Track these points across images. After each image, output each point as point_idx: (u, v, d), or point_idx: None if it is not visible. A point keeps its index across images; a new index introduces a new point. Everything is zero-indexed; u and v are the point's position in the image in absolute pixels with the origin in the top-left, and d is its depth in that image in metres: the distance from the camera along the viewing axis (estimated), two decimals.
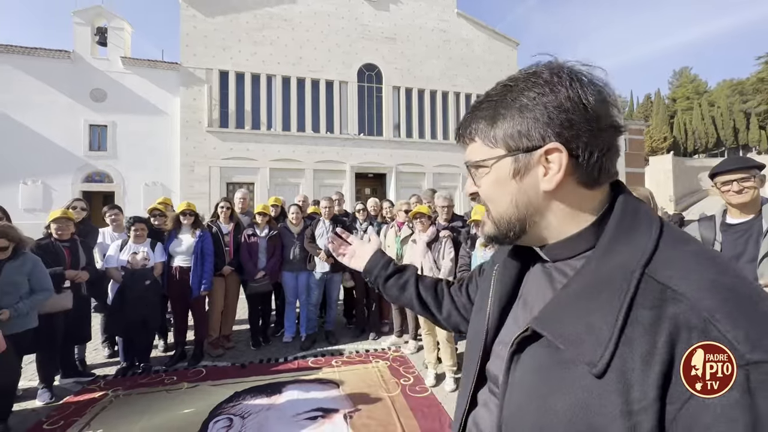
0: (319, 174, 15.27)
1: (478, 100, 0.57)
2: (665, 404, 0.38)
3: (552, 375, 0.45)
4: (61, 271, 3.09)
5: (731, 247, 1.88)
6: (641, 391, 0.39)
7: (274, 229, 4.25)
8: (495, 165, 0.53)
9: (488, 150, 0.54)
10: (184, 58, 13.95)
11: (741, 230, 1.87)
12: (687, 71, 53.70)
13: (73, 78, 13.16)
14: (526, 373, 0.49)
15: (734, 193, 1.83)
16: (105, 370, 3.62)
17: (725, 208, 1.98)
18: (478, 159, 0.56)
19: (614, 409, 0.39)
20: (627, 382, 0.39)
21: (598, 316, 0.43)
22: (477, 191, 0.58)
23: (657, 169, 31.33)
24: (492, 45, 17.98)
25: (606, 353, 0.41)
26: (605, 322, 0.42)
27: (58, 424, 2.67)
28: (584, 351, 0.42)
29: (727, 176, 1.85)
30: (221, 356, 3.88)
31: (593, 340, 0.42)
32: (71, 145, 13.07)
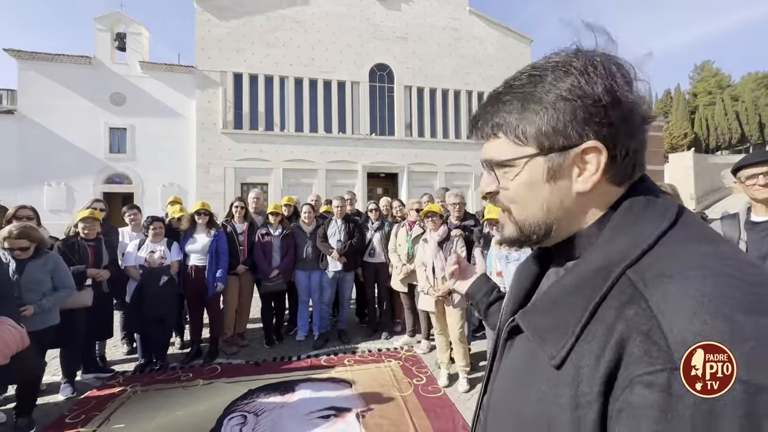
0: (331, 174, 15.36)
1: (498, 91, 0.52)
2: (608, 401, 0.38)
3: (526, 364, 0.48)
4: (84, 269, 3.19)
5: (757, 246, 1.79)
6: (589, 385, 0.39)
7: (287, 228, 4.28)
8: (527, 165, 0.49)
9: (516, 148, 0.49)
10: (200, 61, 14.22)
11: (767, 228, 1.78)
12: (709, 65, 51.92)
13: (94, 82, 13.58)
14: (510, 361, 0.52)
15: (760, 187, 1.73)
16: (124, 366, 3.71)
17: (749, 206, 1.88)
18: (504, 158, 0.50)
19: (565, 401, 0.40)
20: (579, 377, 0.40)
21: (570, 312, 0.43)
22: (494, 191, 0.54)
23: (677, 166, 30.39)
24: (505, 42, 17.75)
25: (566, 346, 0.42)
26: (573, 318, 0.42)
27: (80, 418, 2.75)
28: (548, 343, 0.44)
29: (753, 170, 1.76)
30: (236, 354, 3.94)
31: (559, 333, 0.43)
32: (92, 147, 13.49)
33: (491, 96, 0.53)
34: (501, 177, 0.52)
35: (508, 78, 0.52)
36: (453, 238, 3.39)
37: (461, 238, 3.39)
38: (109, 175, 13.72)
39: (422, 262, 3.46)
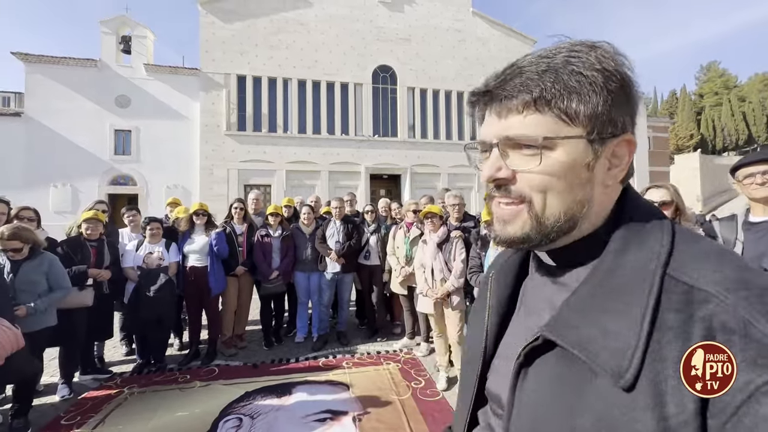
0: (334, 175, 15.37)
1: (532, 61, 0.43)
2: (707, 418, 0.33)
3: (568, 390, 0.40)
4: (85, 269, 3.20)
5: (754, 247, 1.76)
6: (677, 404, 0.33)
7: (286, 229, 4.27)
8: (569, 148, 0.42)
9: (563, 126, 0.42)
10: (204, 63, 14.32)
11: (765, 228, 1.75)
12: (715, 65, 51.43)
13: (100, 85, 13.71)
14: (536, 389, 0.43)
15: (757, 185, 1.71)
16: (122, 367, 3.70)
17: (748, 207, 1.86)
18: (549, 134, 0.42)
19: (646, 427, 0.34)
20: (660, 395, 0.34)
21: (618, 321, 0.38)
22: (508, 177, 0.45)
23: (683, 167, 30.07)
24: (508, 43, 17.70)
25: (634, 362, 0.35)
26: (628, 327, 0.37)
27: (75, 419, 2.74)
28: (606, 360, 0.37)
29: (750, 169, 1.74)
30: (234, 356, 3.92)
31: (616, 347, 0.37)
32: (98, 149, 13.62)
33: (525, 65, 0.44)
34: (521, 160, 0.44)
35: (536, 53, 0.45)
36: (452, 240, 3.35)
37: (461, 240, 3.36)
38: (114, 177, 13.83)
39: (421, 264, 3.42)
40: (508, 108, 0.44)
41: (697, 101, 49.13)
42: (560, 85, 0.42)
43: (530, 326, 0.48)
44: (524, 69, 0.43)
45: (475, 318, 0.60)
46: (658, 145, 24.31)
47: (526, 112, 0.43)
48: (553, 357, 0.42)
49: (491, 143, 0.46)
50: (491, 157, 0.46)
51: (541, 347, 0.43)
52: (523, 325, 0.52)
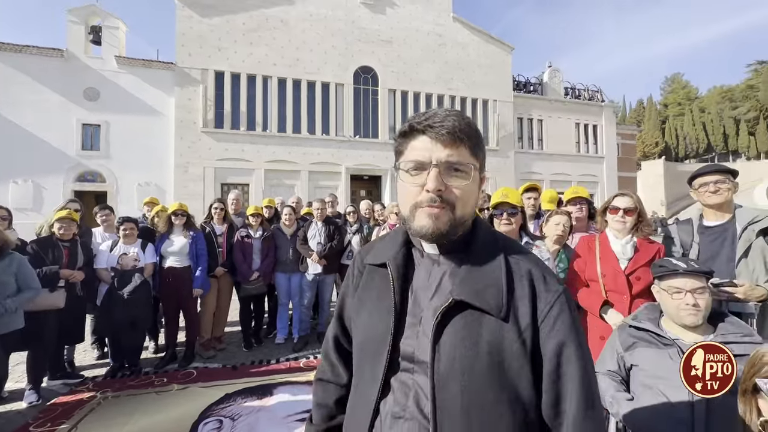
0: (314, 175, 15.25)
1: (465, 121, 0.69)
2: (538, 324, 0.65)
3: (472, 329, 0.64)
4: (57, 269, 3.08)
5: (708, 249, 1.96)
6: (525, 318, 0.65)
7: (267, 230, 4.24)
8: (475, 173, 0.69)
9: (474, 159, 0.69)
10: (180, 58, 13.89)
11: (717, 232, 1.96)
12: (679, 77, 54.53)
13: (66, 77, 13.04)
14: (451, 335, 0.64)
15: (710, 193, 1.93)
16: (94, 371, 3.58)
17: (701, 212, 2.07)
18: (474, 162, 0.69)
19: (513, 334, 0.63)
20: (517, 316, 0.65)
21: (492, 282, 0.66)
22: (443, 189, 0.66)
23: (649, 174, 31.73)
24: (487, 49, 18.12)
25: (504, 302, 0.65)
26: (497, 285, 0.66)
27: (45, 426, 2.64)
28: (491, 305, 0.64)
29: (704, 178, 1.96)
30: (213, 358, 3.87)
31: (494, 296, 0.65)
32: (63, 144, 12.93)
33: (463, 120, 0.69)
34: (452, 178, 0.67)
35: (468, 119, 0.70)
36: None
37: None
38: (80, 173, 13.17)
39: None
40: (451, 140, 0.66)
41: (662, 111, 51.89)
42: (477, 136, 0.70)
43: (429, 298, 0.70)
44: (456, 118, 0.67)
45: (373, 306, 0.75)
46: (626, 152, 25.51)
47: (462, 148, 0.67)
48: (457, 312, 0.65)
49: (430, 163, 0.66)
50: (432, 174, 0.65)
51: (451, 308, 0.65)
52: (422, 300, 0.71)
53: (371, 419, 0.69)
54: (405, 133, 0.72)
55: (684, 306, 1.42)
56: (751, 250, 1.81)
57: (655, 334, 1.49)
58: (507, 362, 0.62)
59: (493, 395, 0.61)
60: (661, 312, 1.56)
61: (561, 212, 2.46)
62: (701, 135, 45.16)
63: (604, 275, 2.07)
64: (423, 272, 0.73)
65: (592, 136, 20.53)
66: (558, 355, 0.63)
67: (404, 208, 0.71)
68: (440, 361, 0.63)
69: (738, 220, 1.90)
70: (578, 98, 20.65)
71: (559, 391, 0.63)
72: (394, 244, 0.78)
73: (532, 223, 3.04)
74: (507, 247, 0.73)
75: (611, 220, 2.12)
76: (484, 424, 0.61)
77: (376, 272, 0.79)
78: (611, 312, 1.99)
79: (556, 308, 0.65)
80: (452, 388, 0.62)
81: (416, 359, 0.67)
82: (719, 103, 46.12)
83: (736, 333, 1.39)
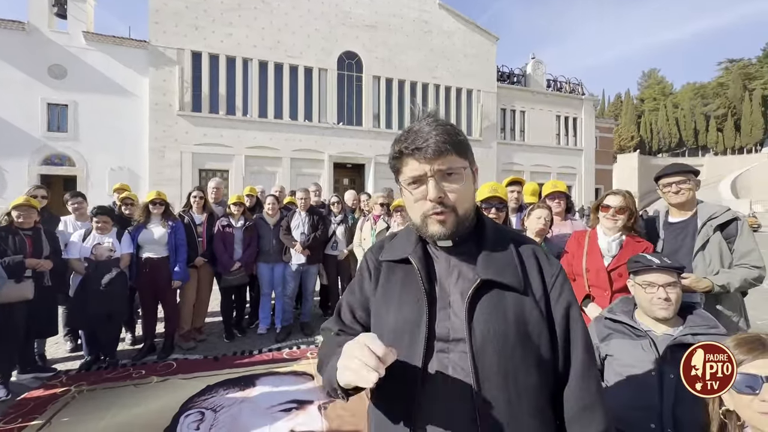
0: (296, 163, 15.01)
1: (446, 130, 0.75)
2: (548, 293, 0.79)
3: (498, 304, 0.74)
4: (21, 259, 2.93)
5: (671, 243, 2.09)
6: (538, 290, 0.78)
7: (249, 220, 4.16)
8: (467, 172, 0.77)
9: (463, 161, 0.77)
10: (153, 36, 13.22)
11: (679, 228, 2.08)
12: (655, 73, 56.09)
13: (29, 52, 12.20)
14: (482, 312, 0.73)
15: (673, 194, 2.04)
16: (67, 364, 3.47)
17: (668, 209, 2.18)
18: (463, 165, 0.77)
19: (532, 303, 0.76)
20: (532, 289, 0.77)
21: (507, 262, 0.78)
22: (445, 193, 0.74)
23: (624, 167, 32.83)
24: (472, 38, 18.07)
25: (520, 277, 0.77)
26: (513, 264, 0.78)
27: (16, 422, 2.55)
28: (511, 280, 0.75)
29: (668, 179, 2.06)
30: (193, 349, 3.81)
31: (512, 273, 0.77)
32: (27, 125, 12.18)
33: (445, 131, 0.75)
34: (448, 183, 0.75)
35: (448, 126, 0.77)
36: None
37: None
38: (47, 156, 12.48)
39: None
40: (437, 154, 0.73)
41: (638, 105, 53.44)
42: (460, 140, 0.76)
43: (457, 285, 0.78)
44: (438, 133, 0.73)
45: (401, 299, 0.81)
46: (604, 145, 26.25)
47: (449, 155, 0.74)
48: (483, 291, 0.75)
49: (426, 176, 0.74)
50: (431, 184, 0.73)
51: (479, 288, 0.74)
52: (451, 288, 0.78)
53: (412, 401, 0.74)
54: (397, 157, 0.79)
55: (656, 300, 1.49)
56: (708, 244, 1.94)
57: (629, 325, 1.57)
58: (530, 328, 0.73)
59: (522, 358, 0.72)
60: (635, 305, 1.63)
61: (542, 206, 2.52)
62: (674, 130, 46.90)
63: (588, 270, 2.14)
64: (443, 262, 0.82)
65: (572, 128, 21.00)
66: (566, 317, 0.77)
67: (415, 218, 0.80)
68: (476, 335, 0.72)
69: (699, 216, 2.02)
70: (560, 90, 20.99)
71: (569, 345, 0.77)
72: (409, 241, 0.85)
73: (515, 216, 3.10)
74: (510, 233, 0.87)
75: (602, 218, 2.18)
76: (519, 384, 0.72)
77: (395, 268, 0.85)
78: (591, 305, 2.07)
79: (560, 278, 0.79)
80: (489, 357, 0.71)
81: (451, 338, 0.74)
82: (692, 99, 47.88)
83: (703, 325, 1.48)
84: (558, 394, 0.78)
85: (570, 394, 0.76)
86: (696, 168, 2.06)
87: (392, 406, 0.79)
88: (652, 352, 1.46)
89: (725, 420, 0.99)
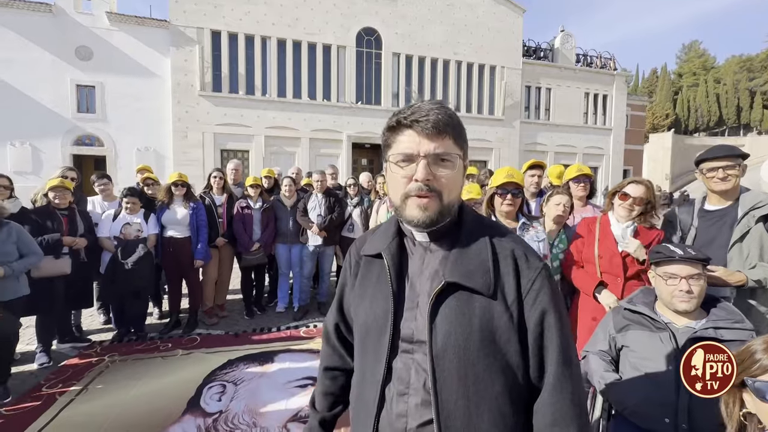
0: (315, 143, 15.01)
1: (448, 113, 0.72)
2: (522, 299, 0.72)
3: (464, 307, 0.70)
4: (59, 236, 3.11)
5: (705, 233, 1.93)
6: (510, 294, 0.71)
7: (267, 201, 4.23)
8: (459, 161, 0.74)
9: (458, 149, 0.74)
10: (173, 15, 13.25)
11: (717, 216, 1.92)
12: (696, 45, 52.03)
13: (57, 34, 12.50)
14: (446, 315, 0.70)
15: (719, 180, 1.85)
16: (101, 336, 3.71)
17: (705, 195, 2.01)
18: (459, 152, 0.74)
19: (501, 309, 0.70)
20: (504, 293, 0.71)
21: (479, 264, 0.72)
22: (434, 176, 0.71)
23: (656, 147, 31.12)
24: (497, 11, 17.18)
25: (491, 281, 0.71)
26: (484, 266, 0.72)
27: (57, 386, 2.77)
28: (481, 284, 0.70)
29: (714, 163, 1.86)
30: (215, 325, 3.99)
31: (482, 276, 0.71)
32: (59, 106, 12.63)
33: (445, 113, 0.72)
34: (440, 168, 0.71)
35: (451, 110, 0.74)
36: None
37: None
38: (78, 137, 12.97)
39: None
40: (437, 132, 0.70)
41: (676, 81, 50.03)
42: (459, 127, 0.74)
43: (424, 284, 0.75)
44: (440, 112, 0.70)
45: (371, 293, 0.80)
46: (635, 124, 24.90)
47: (447, 139, 0.71)
48: (449, 293, 0.71)
49: (418, 155, 0.70)
50: (421, 165, 0.69)
51: (444, 290, 0.71)
52: (418, 286, 0.76)
53: (379, 399, 0.75)
54: (392, 128, 0.75)
55: (677, 293, 1.42)
56: (748, 236, 1.78)
57: (648, 317, 1.52)
58: (497, 334, 0.69)
59: (486, 364, 0.69)
60: (657, 296, 1.57)
61: (562, 192, 2.42)
62: (714, 107, 43.81)
63: (600, 257, 2.08)
64: (417, 260, 0.79)
65: (602, 106, 19.95)
66: (540, 324, 0.71)
67: (395, 198, 0.75)
68: (437, 338, 0.70)
69: (741, 204, 1.85)
70: (590, 66, 19.84)
71: (543, 354, 0.72)
72: (387, 236, 0.82)
73: (534, 201, 3.01)
74: (491, 229, 0.79)
75: (618, 205, 2.09)
76: (480, 390, 0.69)
77: (372, 263, 0.83)
78: (605, 292, 2.01)
79: (537, 283, 0.72)
80: (449, 361, 0.69)
81: (415, 339, 0.73)
82: (736, 74, 44.33)
83: (727, 319, 1.41)
84: (533, 402, 0.74)
85: (540, 406, 0.72)
86: (745, 152, 1.85)
87: (362, 400, 0.81)
88: (671, 345, 1.42)
89: (745, 422, 0.95)
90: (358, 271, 0.87)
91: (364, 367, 0.81)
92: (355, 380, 0.86)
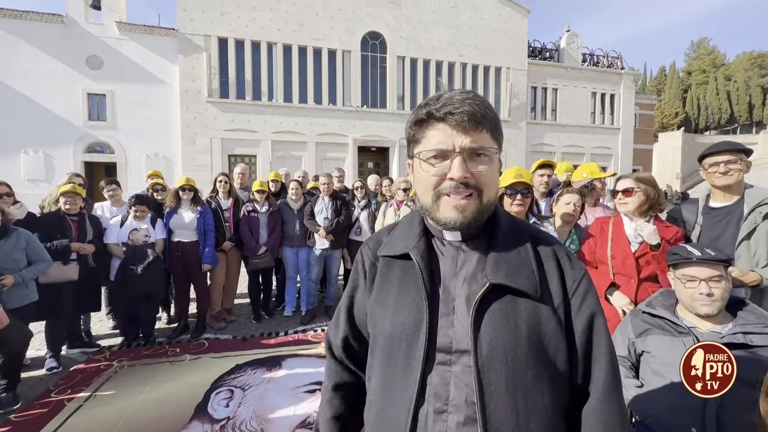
0: (321, 147, 15.07)
1: (484, 103, 0.66)
2: (569, 299, 0.68)
3: (510, 311, 0.64)
4: (67, 243, 3.13)
5: (710, 230, 1.90)
6: (558, 296, 0.67)
7: (273, 205, 4.22)
8: (496, 157, 0.67)
9: (494, 144, 0.67)
10: (181, 23, 13.45)
11: (722, 213, 1.88)
12: (705, 42, 51.28)
13: (68, 44, 12.78)
14: (490, 320, 0.63)
15: (720, 174, 1.83)
16: (109, 341, 3.71)
17: (709, 192, 1.97)
18: (496, 146, 0.68)
19: (549, 312, 0.65)
20: (551, 295, 0.67)
21: (522, 264, 0.67)
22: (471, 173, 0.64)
23: (666, 146, 30.60)
24: (502, 12, 17.14)
25: (537, 282, 0.66)
26: (528, 266, 0.67)
27: (66, 392, 2.77)
28: (526, 285, 0.65)
29: (715, 158, 1.84)
30: (223, 329, 3.97)
31: (527, 277, 0.66)
32: (70, 114, 12.88)
33: (481, 104, 0.65)
34: (476, 164, 0.65)
35: (485, 100, 0.67)
36: None
37: None
38: (89, 144, 13.20)
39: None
40: (473, 125, 0.63)
41: (684, 78, 49.34)
42: (495, 118, 0.68)
43: (462, 288, 0.68)
44: (475, 102, 0.64)
45: (399, 300, 0.71)
46: (644, 123, 24.56)
47: (484, 133, 0.65)
48: (493, 296, 0.65)
49: (453, 151, 0.64)
50: (457, 162, 0.63)
51: (488, 293, 0.64)
52: (455, 290, 0.68)
53: (412, 420, 0.65)
54: (421, 121, 0.67)
55: (698, 296, 1.36)
56: (755, 233, 1.75)
57: (670, 321, 1.45)
58: (546, 340, 0.64)
59: (535, 374, 0.63)
60: (677, 299, 1.50)
61: (572, 191, 2.37)
62: (725, 105, 43.04)
63: (613, 257, 2.02)
64: (448, 261, 0.71)
65: (609, 106, 19.73)
66: (589, 328, 0.67)
67: (425, 198, 0.68)
68: (482, 347, 0.63)
69: (746, 201, 1.81)
70: (596, 65, 19.66)
71: (591, 359, 0.67)
72: (411, 234, 0.75)
73: (544, 201, 2.95)
74: (528, 228, 0.75)
75: (617, 203, 2.07)
76: (530, 403, 0.62)
77: (393, 264, 0.75)
78: (617, 294, 1.95)
79: (584, 284, 0.68)
80: (496, 373, 0.62)
81: (454, 349, 0.65)
82: (747, 71, 43.53)
83: (757, 323, 1.33)
84: (572, 410, 0.68)
85: (590, 415, 0.66)
86: (748, 147, 1.83)
87: (388, 421, 0.69)
88: None
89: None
90: (375, 273, 0.78)
91: (388, 383, 0.70)
92: (375, 398, 0.74)
